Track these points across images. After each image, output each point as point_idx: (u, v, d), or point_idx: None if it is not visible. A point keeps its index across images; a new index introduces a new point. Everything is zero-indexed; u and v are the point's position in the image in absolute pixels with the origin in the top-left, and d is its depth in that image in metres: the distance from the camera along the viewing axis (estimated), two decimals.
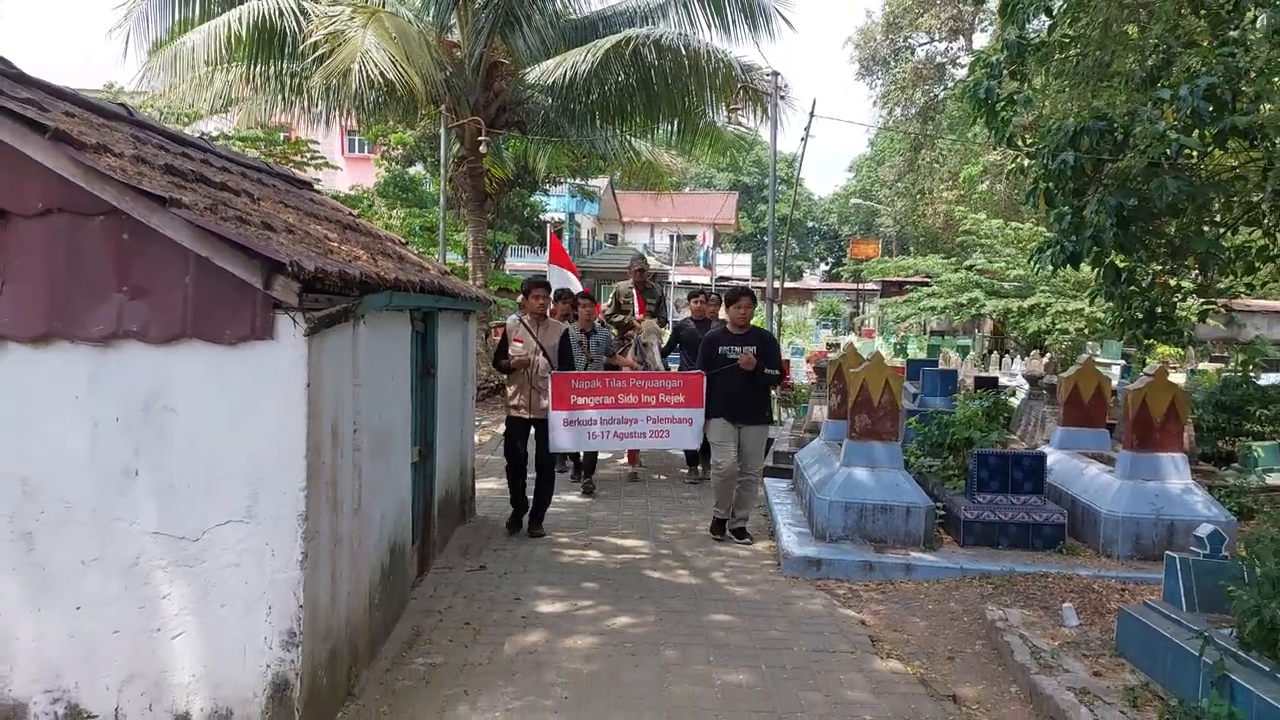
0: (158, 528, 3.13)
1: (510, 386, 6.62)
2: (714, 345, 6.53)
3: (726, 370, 6.32)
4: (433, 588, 5.35)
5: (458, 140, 14.94)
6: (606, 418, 6.58)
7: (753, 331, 6.55)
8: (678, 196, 33.42)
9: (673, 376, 7.04)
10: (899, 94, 37.59)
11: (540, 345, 6.54)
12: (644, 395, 6.64)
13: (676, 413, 6.62)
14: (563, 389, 6.48)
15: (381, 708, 3.75)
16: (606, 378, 6.88)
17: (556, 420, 6.46)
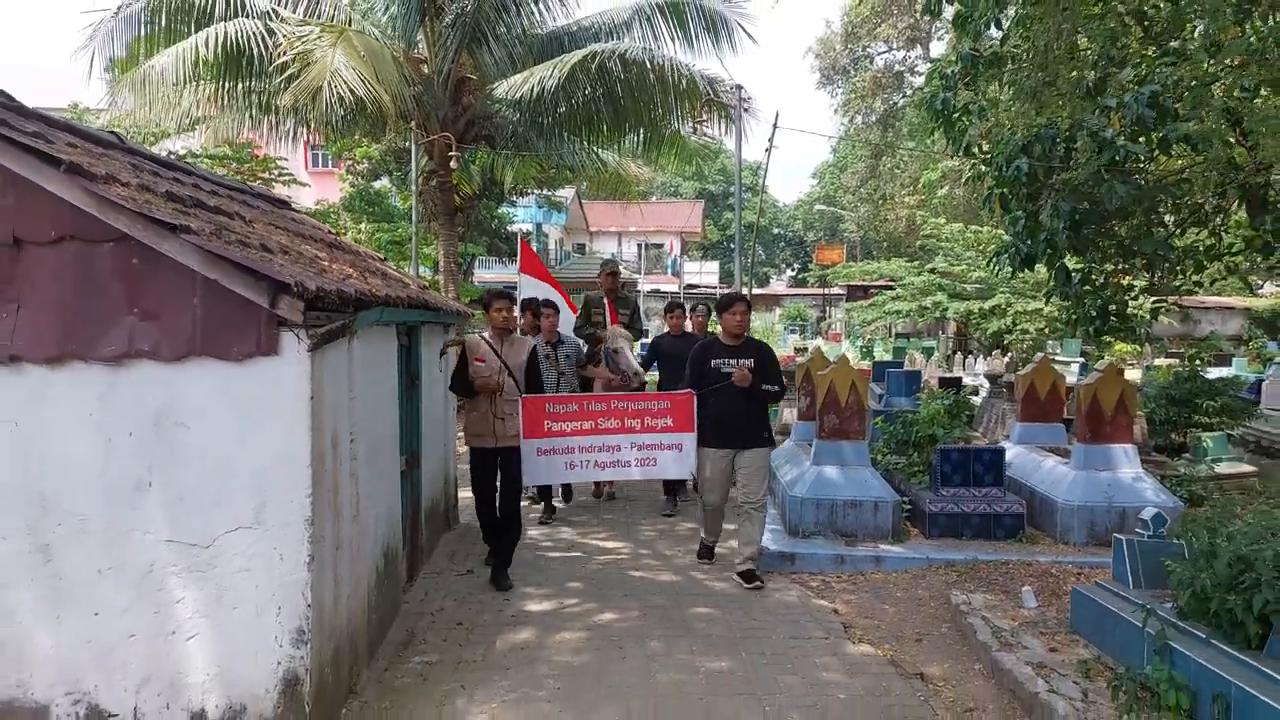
0: (170, 536, 3.30)
1: (470, 412, 5.71)
2: (704, 358, 5.76)
3: (720, 388, 5.59)
4: (423, 592, 5.53)
5: (426, 155, 15.11)
6: (586, 445, 5.73)
7: (749, 343, 5.81)
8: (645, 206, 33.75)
9: (659, 397, 6.05)
10: (859, 102, 38.27)
11: (505, 364, 5.64)
12: (627, 419, 5.76)
13: (665, 438, 5.77)
14: (535, 414, 5.62)
15: (383, 704, 3.94)
16: (584, 400, 5.96)
17: (530, 450, 5.61)
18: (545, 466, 5.69)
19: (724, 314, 5.74)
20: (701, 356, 5.80)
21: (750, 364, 5.60)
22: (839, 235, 57.12)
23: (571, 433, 5.70)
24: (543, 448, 5.64)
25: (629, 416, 5.79)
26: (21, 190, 3.21)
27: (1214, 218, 8.60)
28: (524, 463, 5.61)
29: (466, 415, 5.75)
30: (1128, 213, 7.84)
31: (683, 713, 3.88)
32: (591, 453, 5.76)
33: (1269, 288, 30.98)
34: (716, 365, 5.67)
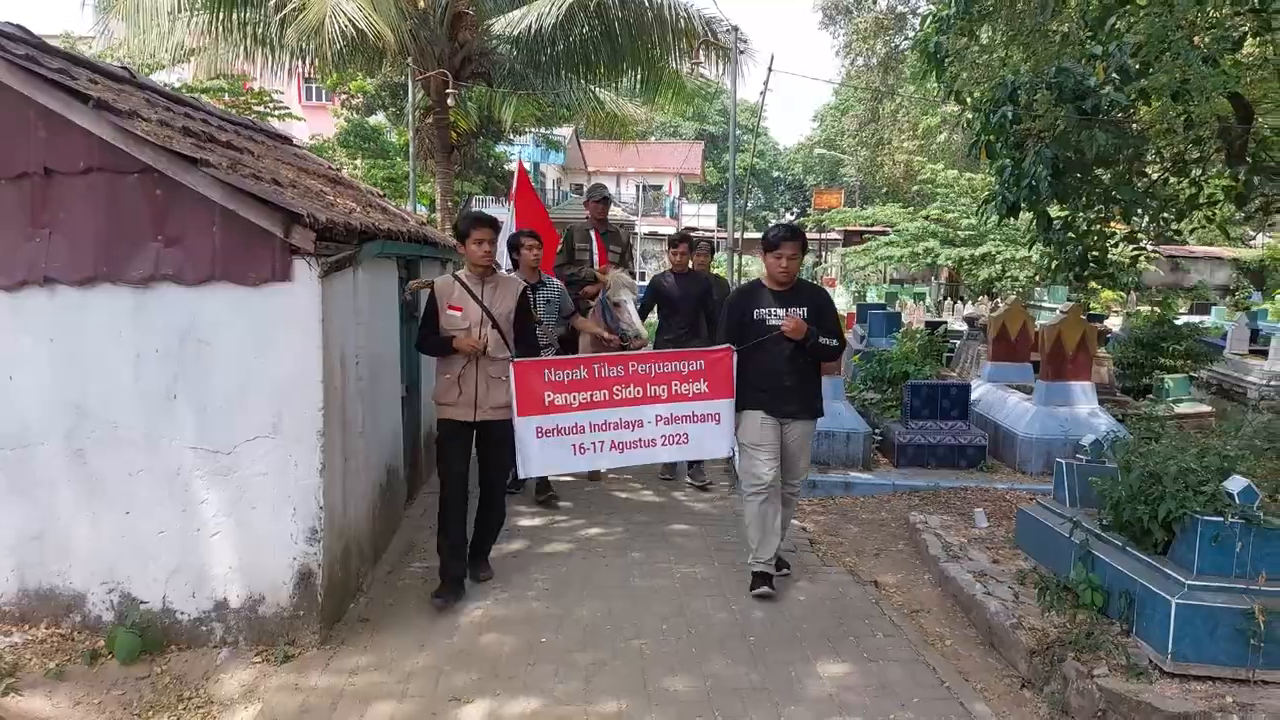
0: (195, 443, 3.66)
1: (443, 374, 4.39)
2: (744, 306, 4.53)
3: (765, 343, 4.39)
4: (422, 509, 5.93)
5: (423, 91, 15.18)
6: (599, 421, 4.46)
7: (801, 288, 4.56)
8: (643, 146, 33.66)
9: (690, 355, 4.67)
10: (861, 44, 37.73)
11: (488, 313, 4.30)
12: (651, 384, 4.52)
13: (698, 406, 4.51)
14: (532, 384, 4.36)
15: (387, 600, 4.36)
16: (595, 363, 4.59)
17: (526, 432, 4.36)
18: (547, 452, 4.41)
19: (769, 254, 4.46)
20: (740, 304, 4.55)
21: (803, 313, 4.37)
22: (838, 180, 56.88)
23: (580, 406, 4.41)
24: (544, 427, 4.36)
25: (653, 382, 4.51)
26: (52, 124, 3.49)
27: (1194, 167, 8.81)
28: (520, 449, 4.37)
29: (437, 376, 4.45)
30: (1109, 161, 8.01)
31: (658, 609, 4.30)
32: (607, 431, 4.46)
33: (1261, 239, 31.16)
34: (761, 316, 4.44)
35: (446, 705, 3.37)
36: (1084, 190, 8.79)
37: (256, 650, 3.70)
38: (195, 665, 3.60)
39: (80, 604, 3.74)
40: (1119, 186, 8.20)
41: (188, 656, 3.65)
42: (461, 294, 4.31)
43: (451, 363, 4.32)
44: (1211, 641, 3.37)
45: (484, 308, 4.30)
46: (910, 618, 4.32)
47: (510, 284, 4.52)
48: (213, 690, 3.45)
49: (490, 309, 4.32)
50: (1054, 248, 8.65)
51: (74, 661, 3.55)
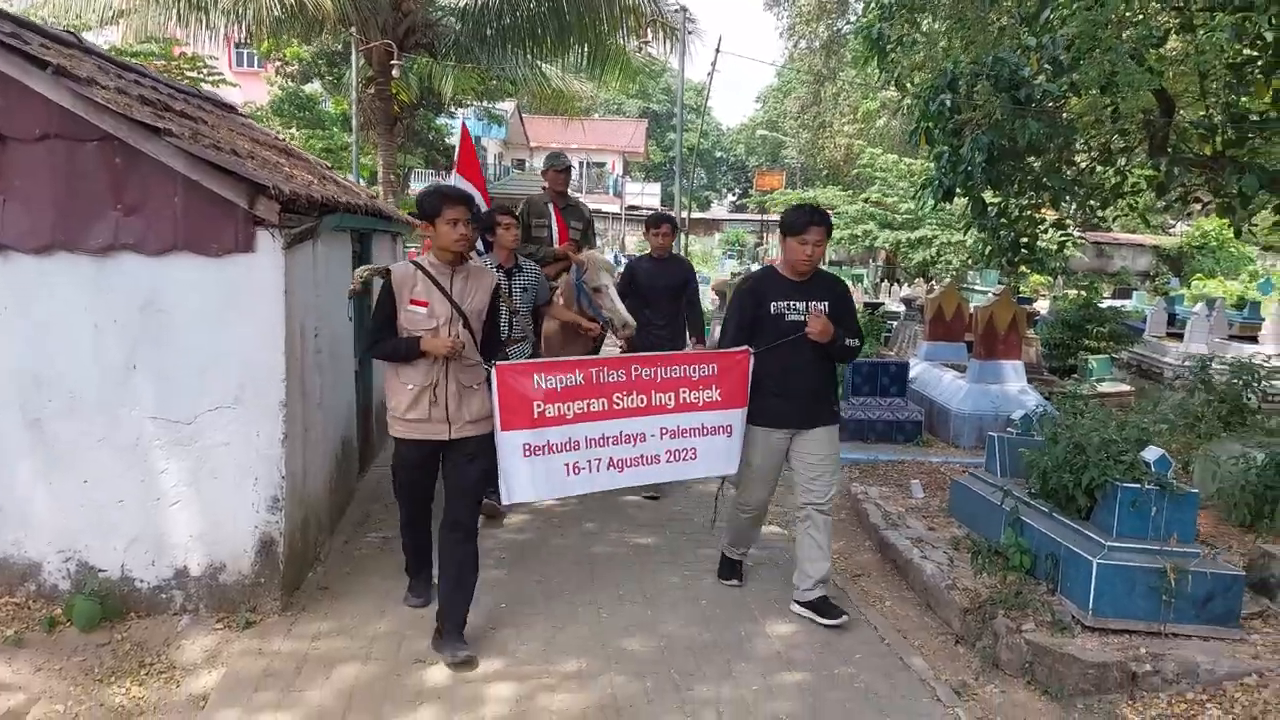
0: (155, 413, 3.67)
1: (403, 385, 3.57)
2: (758, 299, 3.95)
3: (787, 344, 3.86)
4: (375, 481, 5.97)
5: (365, 61, 14.94)
6: (597, 435, 3.79)
7: (820, 278, 4.04)
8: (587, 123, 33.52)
9: (704, 358, 4.05)
10: (804, 27, 38.11)
11: (458, 310, 3.56)
12: (656, 392, 3.90)
13: (709, 418, 3.94)
14: (519, 391, 3.63)
15: (344, 569, 4.42)
16: (594, 366, 3.87)
17: (511, 450, 3.64)
18: (536, 474, 3.67)
19: (791, 238, 3.86)
20: (754, 296, 3.97)
21: (824, 308, 3.89)
22: (780, 161, 57.42)
23: (575, 418, 3.72)
24: (532, 444, 3.64)
25: (659, 389, 3.88)
26: (7, 90, 3.44)
27: (1119, 157, 9.21)
28: (503, 470, 3.64)
29: (390, 386, 3.63)
30: (1041, 149, 8.33)
31: (613, 576, 4.45)
32: (604, 447, 3.79)
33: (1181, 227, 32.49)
34: (778, 310, 3.89)
35: (410, 667, 3.47)
36: (1016, 177, 9.11)
37: (218, 617, 3.74)
38: (156, 632, 3.63)
39: (36, 573, 3.73)
40: (1049, 174, 8.51)
41: (148, 624, 3.67)
42: (426, 286, 3.51)
43: (414, 370, 3.51)
44: (1128, 598, 3.66)
45: (454, 303, 3.52)
46: (853, 581, 4.56)
47: (483, 276, 3.72)
48: (174, 656, 3.49)
49: (461, 304, 3.54)
50: (988, 233, 8.97)
51: (32, 629, 3.55)
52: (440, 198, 3.54)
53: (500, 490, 3.72)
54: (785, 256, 3.99)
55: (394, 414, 3.61)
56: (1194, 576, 3.63)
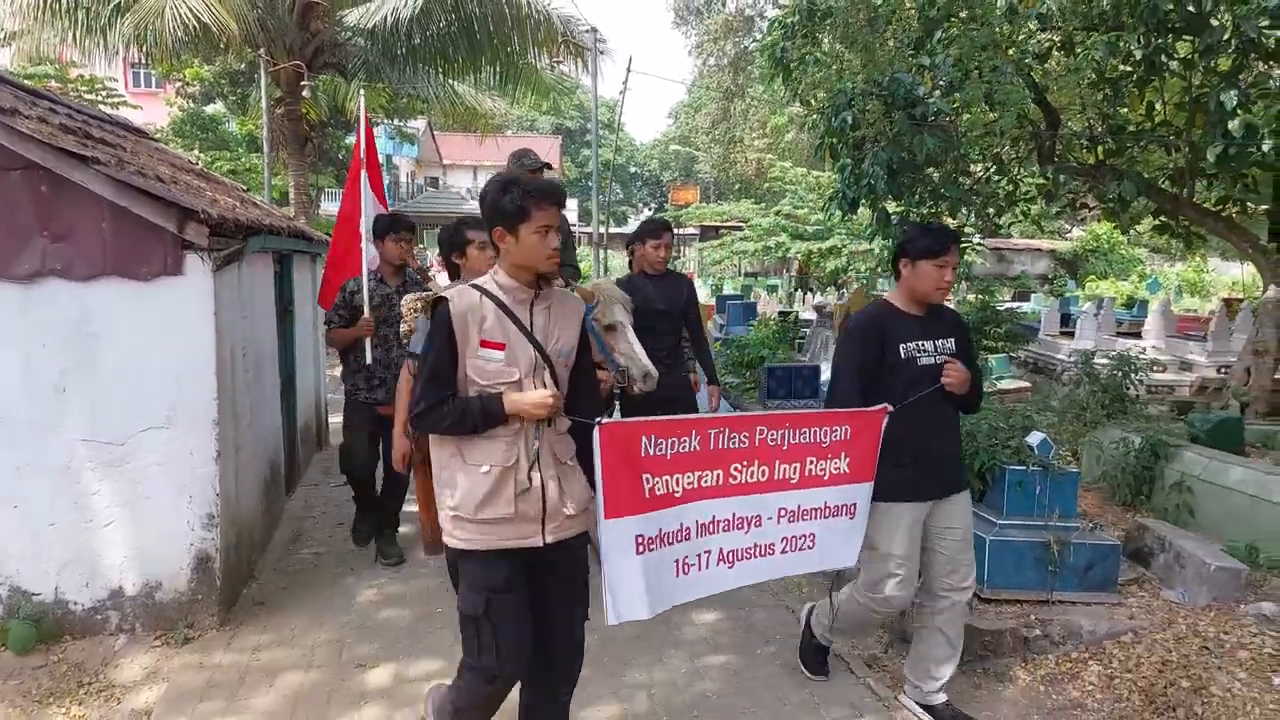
0: (87, 435, 3.70)
1: (474, 464, 2.48)
2: (882, 340, 3.14)
3: (923, 399, 3.10)
4: (303, 501, 6.01)
5: (274, 82, 14.78)
6: (707, 520, 2.85)
7: (937, 312, 3.26)
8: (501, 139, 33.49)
9: (837, 418, 3.07)
10: (711, 44, 39.05)
11: (543, 355, 2.53)
12: (780, 462, 2.97)
13: (833, 494, 3.08)
14: (628, 458, 2.62)
15: (279, 585, 4.49)
16: (713, 427, 2.86)
17: (620, 543, 2.60)
18: (649, 577, 2.66)
19: (926, 262, 3.08)
20: (876, 336, 3.14)
21: (951, 347, 3.20)
22: (693, 176, 58.40)
23: (685, 495, 2.76)
24: (645, 535, 2.63)
25: (784, 458, 2.95)
26: None
27: (1012, 167, 9.80)
28: (609, 576, 2.59)
29: (444, 469, 2.54)
30: (938, 161, 8.81)
31: None
32: (714, 534, 2.84)
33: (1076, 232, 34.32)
34: (909, 355, 3.13)
35: (353, 672, 3.59)
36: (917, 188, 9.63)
37: (156, 635, 3.78)
38: (93, 653, 3.65)
39: None
40: (946, 185, 9.01)
41: (84, 645, 3.70)
42: (499, 320, 2.45)
43: (491, 444, 2.44)
44: (1018, 571, 4.03)
45: (537, 344, 2.49)
46: None
47: (568, 304, 2.65)
48: (113, 675, 3.53)
49: (545, 346, 2.51)
50: (891, 241, 9.48)
51: None
52: (525, 195, 2.40)
53: (606, 607, 2.59)
54: (912, 285, 3.13)
55: (456, 513, 2.45)
56: (1075, 548, 4.03)
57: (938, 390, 3.10)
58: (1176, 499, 5.14)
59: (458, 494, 2.46)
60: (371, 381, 4.72)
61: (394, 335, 4.53)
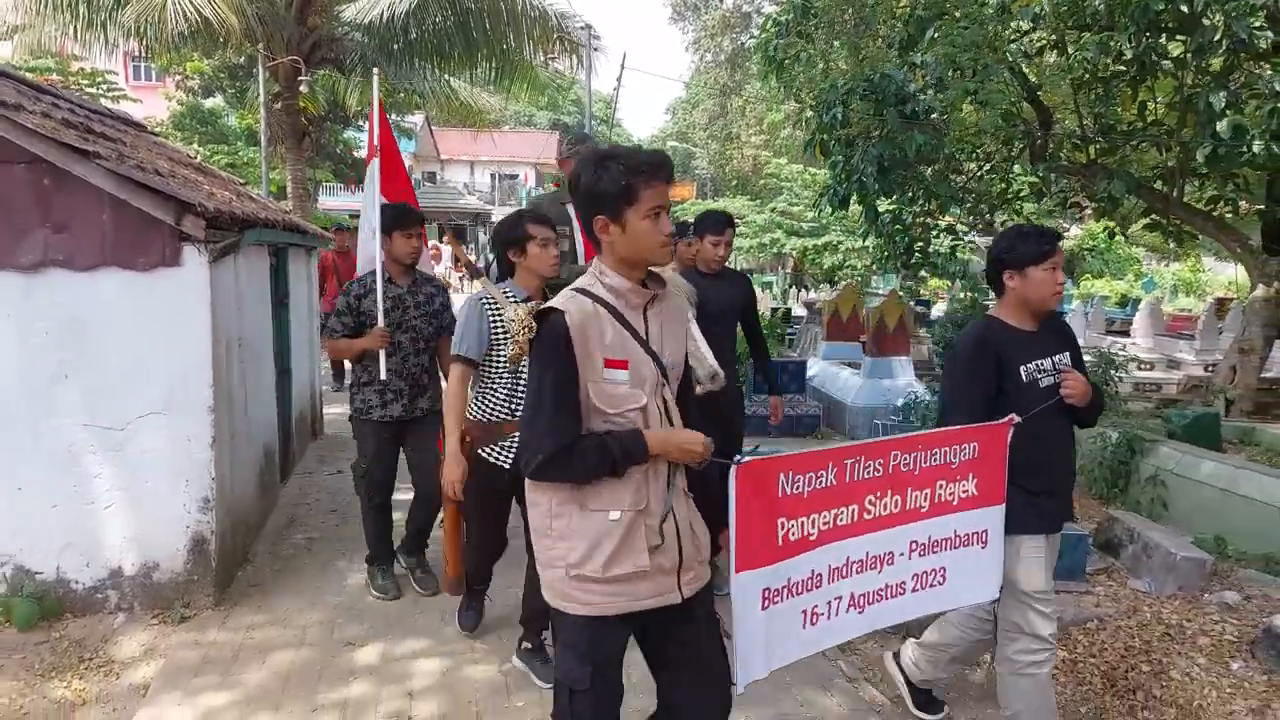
0: (88, 421, 3.82)
1: (599, 509, 2.03)
2: (1000, 360, 2.81)
3: (1044, 412, 2.77)
4: (297, 488, 6.13)
5: (272, 76, 14.88)
6: (839, 562, 2.44)
7: (1054, 327, 2.98)
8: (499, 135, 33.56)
9: (964, 435, 2.68)
10: (709, 41, 39.09)
11: (663, 370, 2.10)
12: (912, 489, 2.60)
13: (962, 521, 2.71)
14: (761, 503, 2.17)
15: (274, 568, 4.62)
16: (849, 456, 2.42)
17: (749, 600, 2.17)
18: (773, 634, 2.28)
19: (1036, 268, 2.79)
20: (991, 361, 2.81)
21: (1067, 360, 2.90)
22: (690, 172, 58.49)
23: (820, 538, 2.36)
24: (772, 588, 2.25)
25: (916, 484, 2.59)
26: None
27: (1004, 166, 9.86)
28: (739, 636, 2.17)
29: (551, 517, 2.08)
30: (930, 159, 8.87)
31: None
32: (846, 578, 2.47)
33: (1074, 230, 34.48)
34: (1030, 377, 2.82)
35: (342, 650, 3.72)
36: (909, 186, 9.70)
37: (153, 614, 3.91)
38: (93, 630, 3.78)
39: None
40: (937, 183, 9.06)
41: (85, 622, 3.83)
42: (618, 333, 2.04)
43: (622, 487, 2.02)
44: None
45: (656, 358, 2.09)
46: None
47: (675, 304, 2.24)
48: (113, 651, 3.66)
49: (662, 358, 2.12)
50: (884, 239, 9.56)
51: None
52: (628, 171, 1.99)
53: (734, 670, 2.19)
54: (1024, 296, 2.81)
55: (578, 572, 2.03)
56: None
57: (1055, 404, 2.78)
58: (1151, 492, 5.29)
59: (580, 548, 2.02)
60: (385, 396, 4.11)
61: (408, 342, 4.11)
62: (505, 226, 3.33)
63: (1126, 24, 6.18)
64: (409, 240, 4.10)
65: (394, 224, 4.08)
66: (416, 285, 4.22)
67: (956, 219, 11.32)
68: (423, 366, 4.19)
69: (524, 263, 3.29)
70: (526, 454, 2.01)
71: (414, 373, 4.15)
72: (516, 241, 3.28)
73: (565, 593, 2.07)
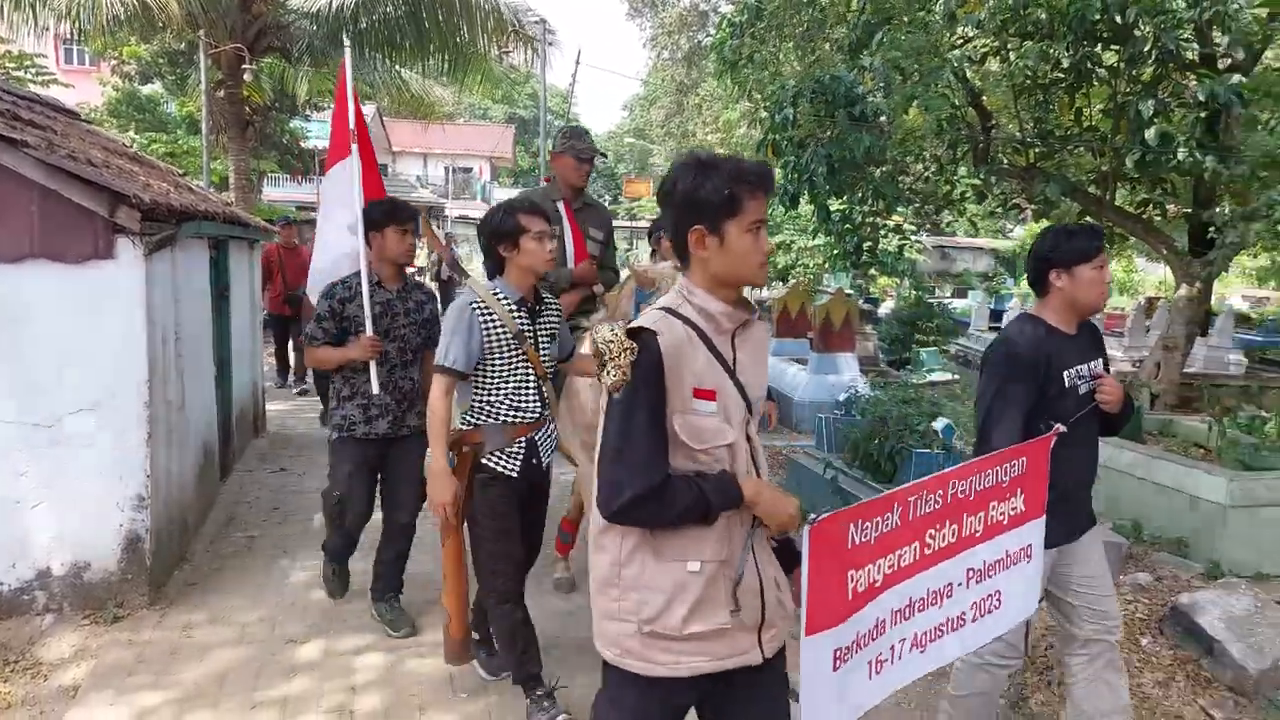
0: (15, 417, 3.72)
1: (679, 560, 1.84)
2: (1045, 365, 2.67)
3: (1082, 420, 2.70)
4: (238, 486, 6.03)
5: (214, 64, 14.53)
6: (901, 604, 2.15)
7: (1090, 330, 2.85)
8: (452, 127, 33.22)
9: (1013, 451, 2.46)
10: (666, 38, 39.13)
11: (749, 405, 1.91)
12: (968, 515, 2.36)
13: (1011, 539, 2.54)
14: (834, 561, 1.87)
15: (212, 567, 4.54)
16: (910, 494, 2.12)
17: (819, 662, 1.85)
18: (844, 694, 1.99)
19: (1084, 266, 2.68)
20: (1041, 366, 2.67)
21: (1100, 367, 2.81)
22: (648, 169, 58.53)
23: (885, 583, 2.10)
24: (843, 647, 1.96)
25: (971, 509, 2.41)
26: None
27: (948, 168, 10.06)
28: (810, 701, 1.86)
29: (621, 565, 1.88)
30: (878, 161, 9.01)
31: None
32: (909, 620, 2.22)
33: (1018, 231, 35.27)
34: (1072, 382, 2.71)
35: (283, 647, 3.68)
36: (858, 186, 9.85)
37: (84, 614, 3.82)
38: (19, 633, 3.68)
39: None
40: (885, 183, 9.24)
41: (10, 625, 3.72)
42: (708, 361, 1.86)
43: (707, 535, 1.84)
44: None
45: (742, 390, 1.90)
46: None
47: (759, 331, 2.01)
48: (40, 653, 3.57)
49: (748, 390, 1.92)
50: (834, 238, 9.70)
51: None
52: (733, 179, 1.80)
53: None
54: (1073, 296, 2.70)
55: (652, 628, 1.85)
56: None
57: (1095, 412, 2.70)
58: None
59: (654, 601, 1.83)
60: (370, 412, 3.71)
61: (396, 353, 3.73)
62: (494, 218, 3.02)
63: (1065, 33, 6.36)
64: (404, 238, 3.66)
65: (387, 219, 3.64)
66: (407, 290, 3.81)
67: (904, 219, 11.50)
68: (412, 380, 3.81)
69: (516, 259, 2.99)
70: (608, 492, 1.78)
71: (403, 387, 3.77)
72: (508, 235, 2.97)
73: (631, 649, 1.86)
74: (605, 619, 1.90)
